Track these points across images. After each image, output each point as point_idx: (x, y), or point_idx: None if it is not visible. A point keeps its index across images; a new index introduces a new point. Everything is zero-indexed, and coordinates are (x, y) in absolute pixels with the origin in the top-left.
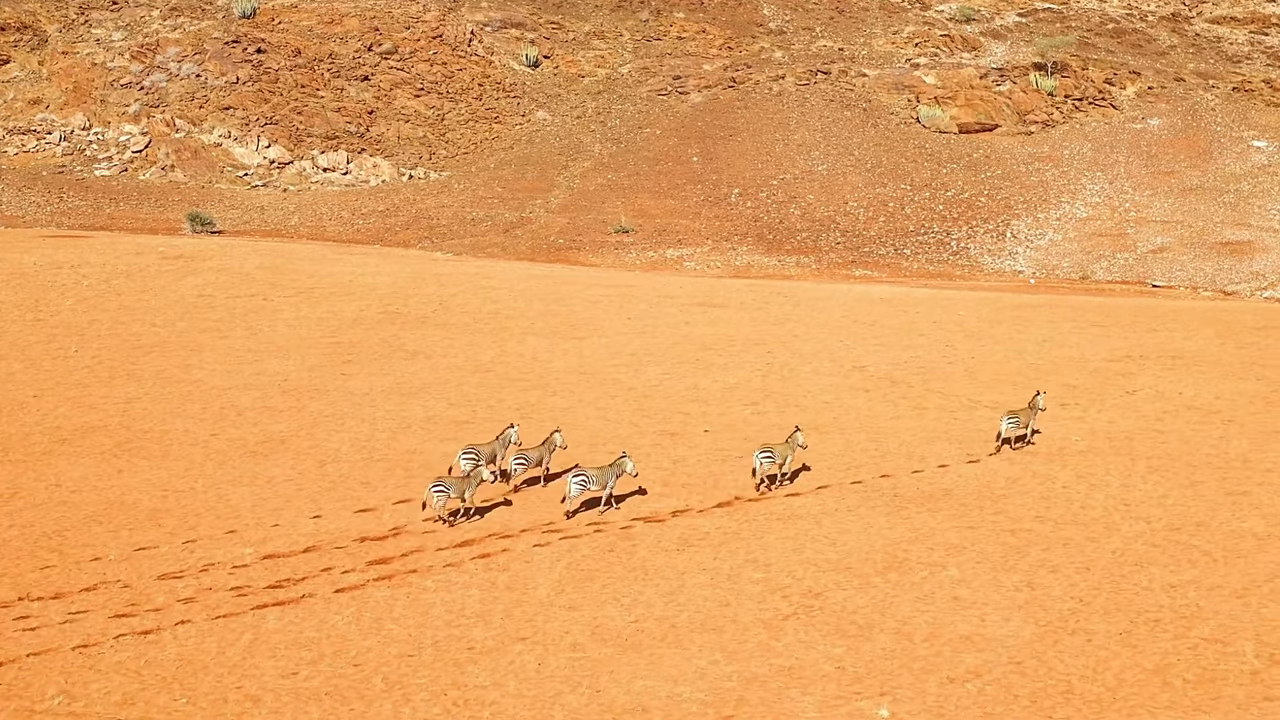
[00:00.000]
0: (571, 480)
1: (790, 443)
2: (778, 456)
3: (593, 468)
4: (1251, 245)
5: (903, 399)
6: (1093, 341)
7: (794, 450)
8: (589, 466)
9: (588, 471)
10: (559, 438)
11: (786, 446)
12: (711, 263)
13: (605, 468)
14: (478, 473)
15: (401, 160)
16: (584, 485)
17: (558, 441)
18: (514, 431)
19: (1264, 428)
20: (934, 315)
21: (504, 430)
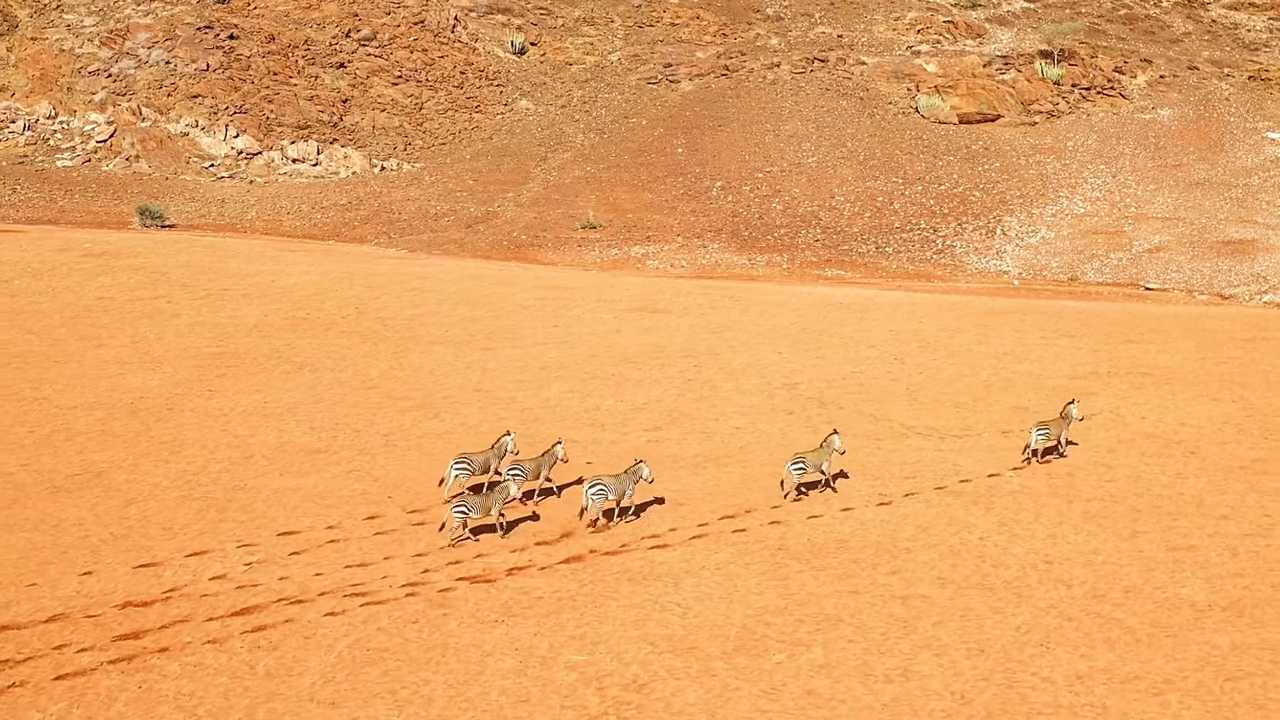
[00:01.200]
0: (589, 491)
1: (825, 448)
2: (810, 465)
3: (608, 476)
4: (1255, 244)
5: (827, 424)
6: (1058, 355)
7: (829, 456)
8: (606, 475)
9: (605, 480)
10: (560, 449)
11: (821, 453)
12: (676, 261)
13: (621, 475)
14: (504, 487)
15: (374, 151)
16: (603, 495)
17: (559, 453)
18: (510, 440)
19: (1228, 462)
20: (893, 322)
21: (499, 439)
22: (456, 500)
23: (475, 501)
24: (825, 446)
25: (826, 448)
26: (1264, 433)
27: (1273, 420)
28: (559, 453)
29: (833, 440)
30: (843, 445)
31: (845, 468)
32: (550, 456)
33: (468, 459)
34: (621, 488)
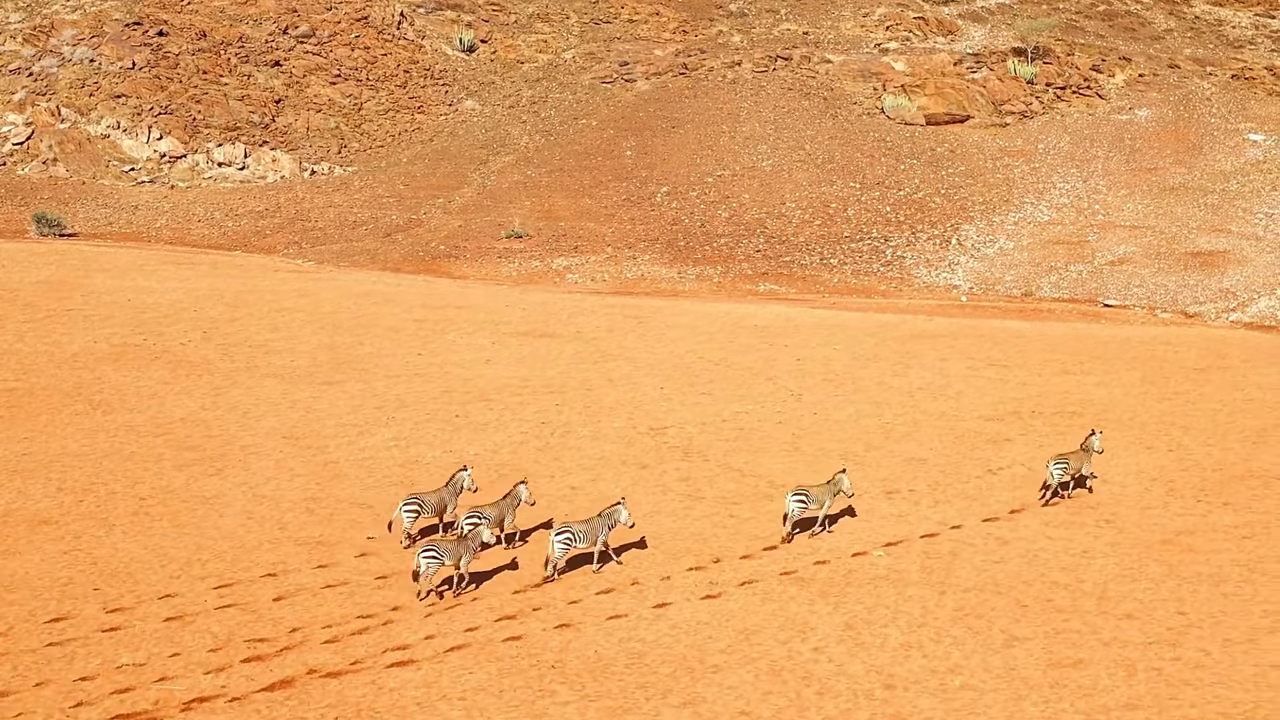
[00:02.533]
0: (555, 538)
1: (832, 484)
2: (813, 501)
3: (578, 521)
4: (1226, 256)
5: (684, 481)
6: (980, 390)
7: (834, 494)
8: (575, 520)
9: (573, 526)
10: (524, 490)
11: (826, 488)
12: (599, 275)
13: (594, 519)
14: (476, 534)
15: (306, 154)
16: (569, 543)
17: (522, 495)
18: (466, 475)
19: (1148, 535)
20: (805, 349)
21: (454, 474)
22: (428, 545)
23: (448, 549)
24: (831, 484)
25: (832, 485)
26: (1198, 494)
27: (1210, 477)
28: (523, 494)
29: (840, 480)
30: (852, 487)
31: (681, 543)
32: (513, 498)
33: (419, 499)
34: (593, 533)
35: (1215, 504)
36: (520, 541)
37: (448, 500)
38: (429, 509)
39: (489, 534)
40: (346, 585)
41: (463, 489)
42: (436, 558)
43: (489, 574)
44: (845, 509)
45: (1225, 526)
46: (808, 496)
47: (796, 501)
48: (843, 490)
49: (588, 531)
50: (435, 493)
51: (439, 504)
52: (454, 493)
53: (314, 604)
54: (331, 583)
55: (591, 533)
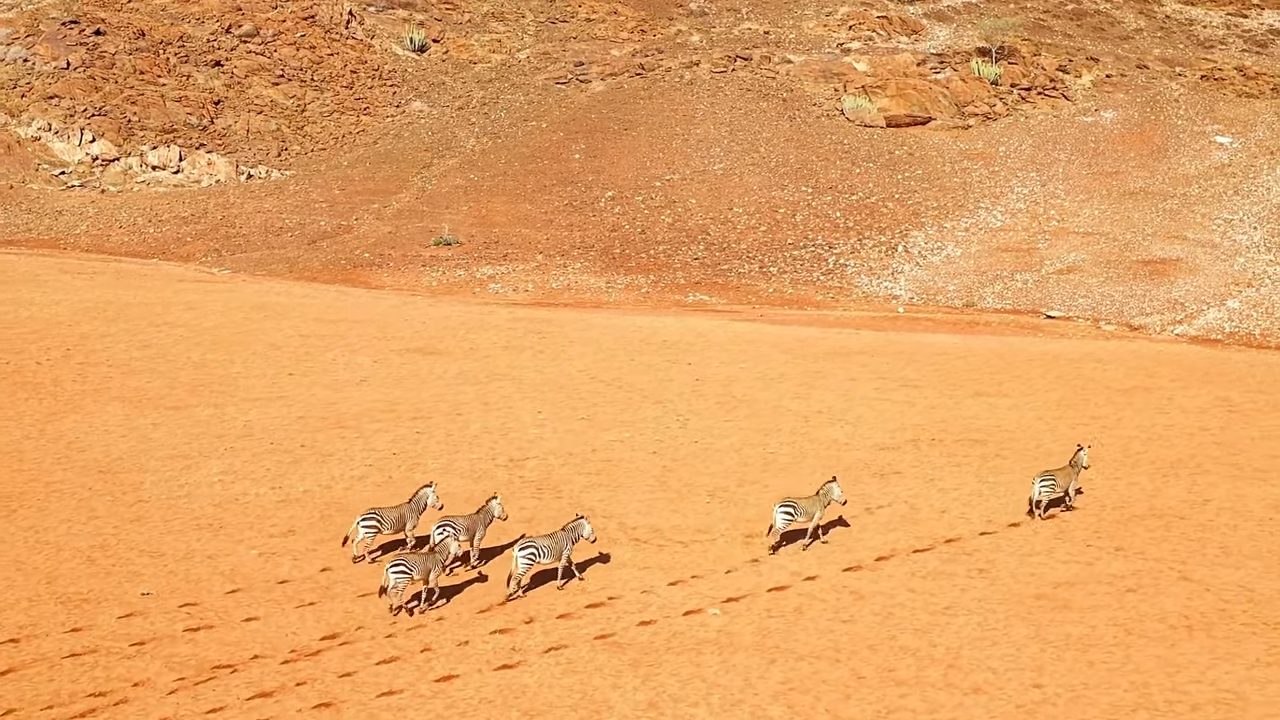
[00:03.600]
0: (518, 554)
1: (821, 495)
2: (801, 512)
3: (542, 536)
4: (1178, 265)
5: (525, 523)
6: (883, 414)
7: (825, 505)
8: (539, 535)
9: (537, 541)
10: (496, 505)
11: (816, 500)
12: (523, 285)
13: (558, 534)
14: (444, 546)
15: (244, 157)
16: (533, 558)
17: (495, 510)
18: (430, 492)
19: (1024, 587)
20: (709, 367)
21: (418, 490)
22: (397, 559)
23: (416, 562)
24: (821, 494)
25: (822, 496)
26: (1090, 537)
27: (1107, 517)
28: (495, 509)
29: (831, 489)
30: (843, 494)
31: (494, 599)
32: (485, 514)
33: (378, 515)
34: (558, 548)
35: (1106, 549)
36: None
37: (409, 517)
38: (388, 525)
39: (456, 546)
40: (93, 654)
41: (426, 505)
42: (405, 572)
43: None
44: (690, 560)
45: (1111, 577)
46: (795, 508)
47: (783, 513)
48: (834, 499)
49: (552, 546)
50: (396, 508)
51: (399, 520)
52: (416, 509)
53: (43, 679)
54: (77, 650)
55: (556, 548)
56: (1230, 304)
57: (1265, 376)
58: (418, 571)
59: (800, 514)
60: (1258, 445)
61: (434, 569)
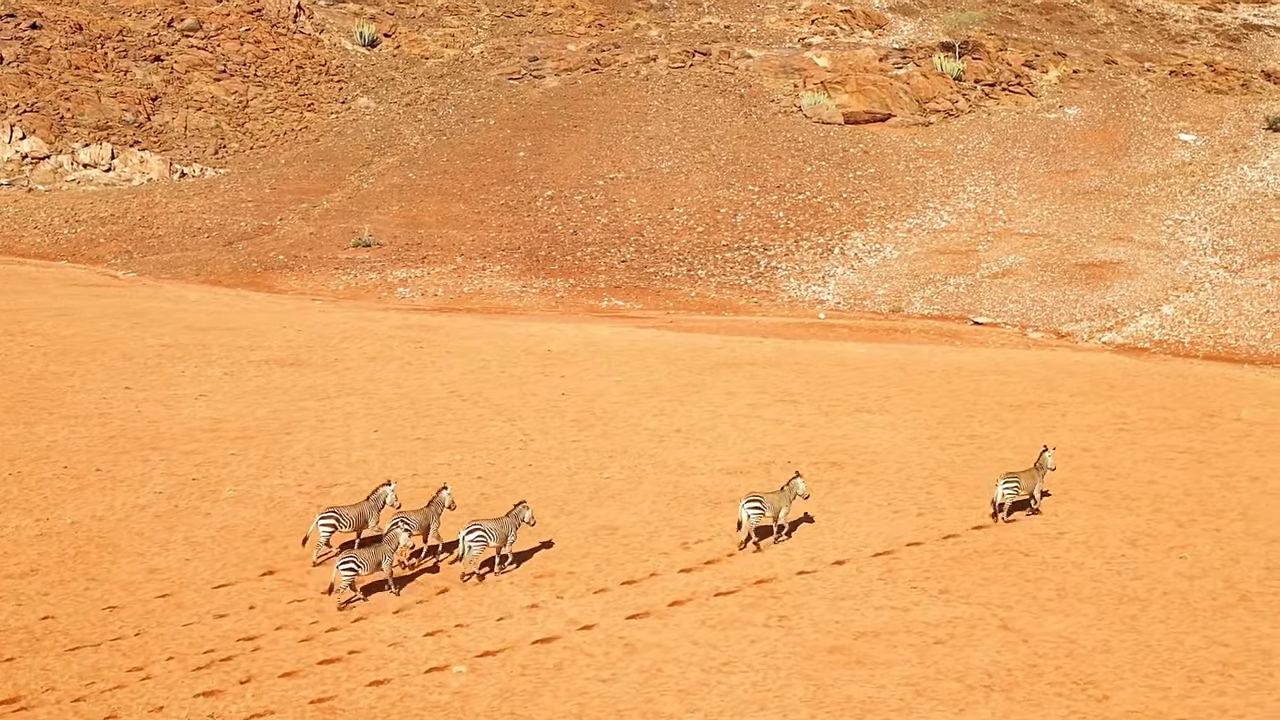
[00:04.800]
0: (467, 538)
1: (787, 490)
2: (769, 507)
3: (489, 520)
4: (1118, 268)
5: (299, 560)
6: (747, 432)
7: (790, 500)
8: (486, 518)
9: (484, 525)
10: (446, 495)
11: (782, 495)
12: (434, 289)
13: (504, 519)
14: (393, 536)
15: (179, 155)
16: (483, 542)
17: (445, 500)
18: (389, 490)
19: (823, 637)
20: (582, 380)
21: (376, 488)
22: (344, 555)
23: (365, 556)
24: (787, 489)
25: (788, 490)
26: (918, 577)
27: (944, 554)
28: (445, 499)
29: (796, 484)
30: (807, 489)
31: (206, 652)
32: (437, 505)
33: (336, 513)
34: (504, 532)
35: (930, 592)
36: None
37: (368, 515)
38: (347, 523)
39: (406, 536)
40: None
41: (385, 504)
42: (354, 569)
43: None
44: (460, 605)
45: (923, 626)
46: (762, 503)
47: (751, 508)
48: (798, 494)
49: (498, 530)
50: (355, 507)
51: (358, 519)
52: (375, 507)
53: None
54: None
55: (502, 532)
56: (1165, 310)
57: (1174, 390)
58: (366, 567)
59: (768, 509)
60: (1137, 469)
61: (385, 559)
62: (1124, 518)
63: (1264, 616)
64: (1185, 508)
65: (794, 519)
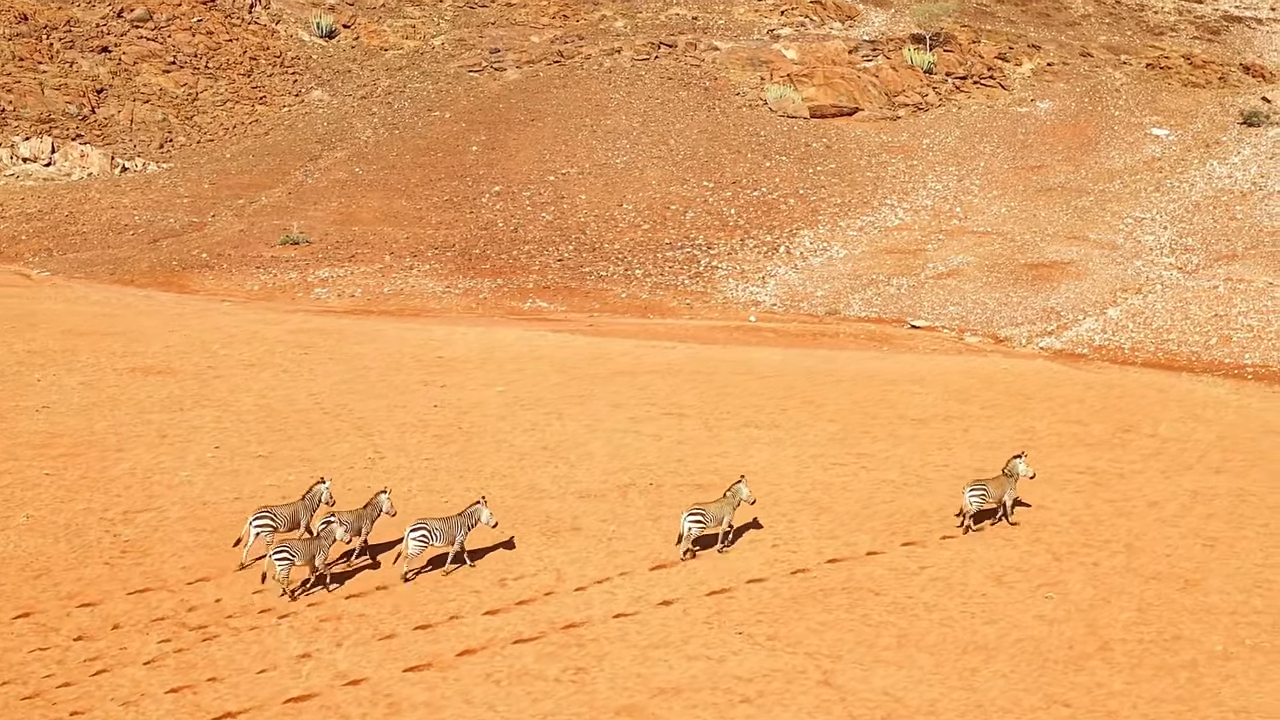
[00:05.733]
0: (410, 536)
1: (730, 497)
2: (710, 518)
3: (436, 519)
4: (1068, 268)
5: (70, 597)
6: (619, 448)
7: (734, 507)
8: (432, 517)
9: (430, 523)
10: (385, 500)
11: (724, 503)
12: (351, 290)
13: (454, 518)
14: (329, 531)
15: (122, 149)
16: (426, 541)
17: (384, 505)
18: (324, 488)
19: (611, 697)
20: (464, 389)
21: (312, 486)
22: (279, 544)
23: (300, 548)
24: (729, 496)
25: (730, 497)
26: (749, 619)
27: (785, 593)
28: (384, 504)
29: (739, 489)
30: (752, 494)
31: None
32: (373, 508)
33: (271, 513)
34: (451, 532)
35: (757, 638)
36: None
37: (302, 515)
38: (281, 523)
39: (342, 531)
40: None
41: (320, 503)
42: (289, 558)
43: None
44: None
45: (734, 681)
46: (704, 514)
47: (693, 520)
48: (743, 499)
49: (445, 530)
50: (288, 506)
51: (292, 518)
52: (309, 507)
53: None
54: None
55: (449, 531)
56: (1110, 312)
57: (1094, 402)
58: (301, 557)
59: (710, 519)
60: (1027, 492)
61: (319, 553)
62: (997, 550)
63: (1120, 670)
64: (1068, 538)
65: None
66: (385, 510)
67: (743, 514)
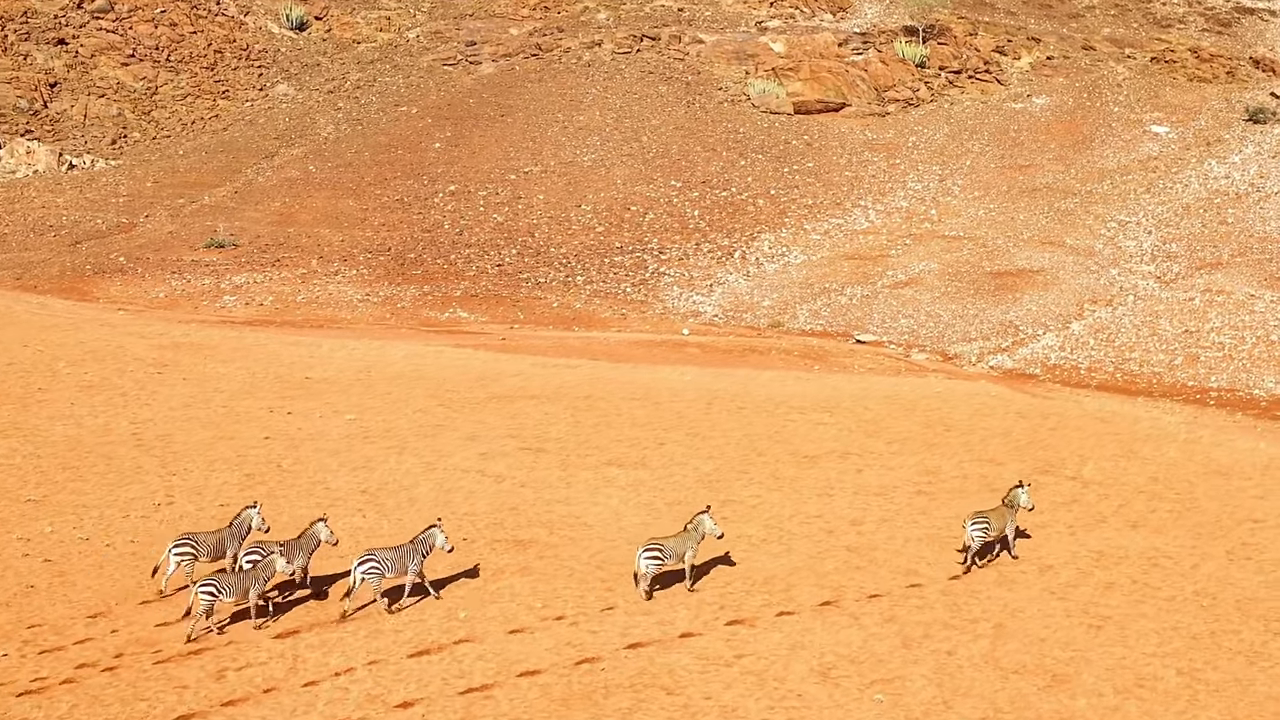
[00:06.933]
0: (358, 568)
1: (691, 530)
2: (668, 553)
3: (385, 549)
4: (1036, 276)
5: None
6: (450, 493)
7: (697, 541)
8: (381, 548)
9: (379, 554)
10: (324, 529)
11: (685, 537)
12: (262, 298)
13: (405, 546)
14: (269, 562)
15: (72, 145)
16: (375, 572)
17: (322, 534)
18: (254, 513)
19: None
20: (314, 418)
21: (241, 512)
22: (207, 578)
23: (229, 581)
24: (690, 529)
25: (693, 531)
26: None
27: (556, 691)
28: (322, 533)
29: (702, 520)
30: (719, 528)
31: None
32: (310, 539)
33: (192, 540)
34: (403, 562)
35: None
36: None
37: (228, 542)
38: (205, 551)
39: (282, 562)
40: None
41: (250, 529)
42: (214, 594)
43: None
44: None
45: None
46: (663, 550)
47: (649, 557)
48: (707, 531)
49: (396, 560)
50: (214, 533)
51: (217, 546)
52: (238, 534)
53: None
54: None
55: (401, 561)
56: (1074, 327)
57: (1021, 436)
58: (230, 592)
59: (669, 555)
60: (900, 554)
61: (255, 586)
62: (839, 631)
63: None
64: (929, 614)
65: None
66: (325, 539)
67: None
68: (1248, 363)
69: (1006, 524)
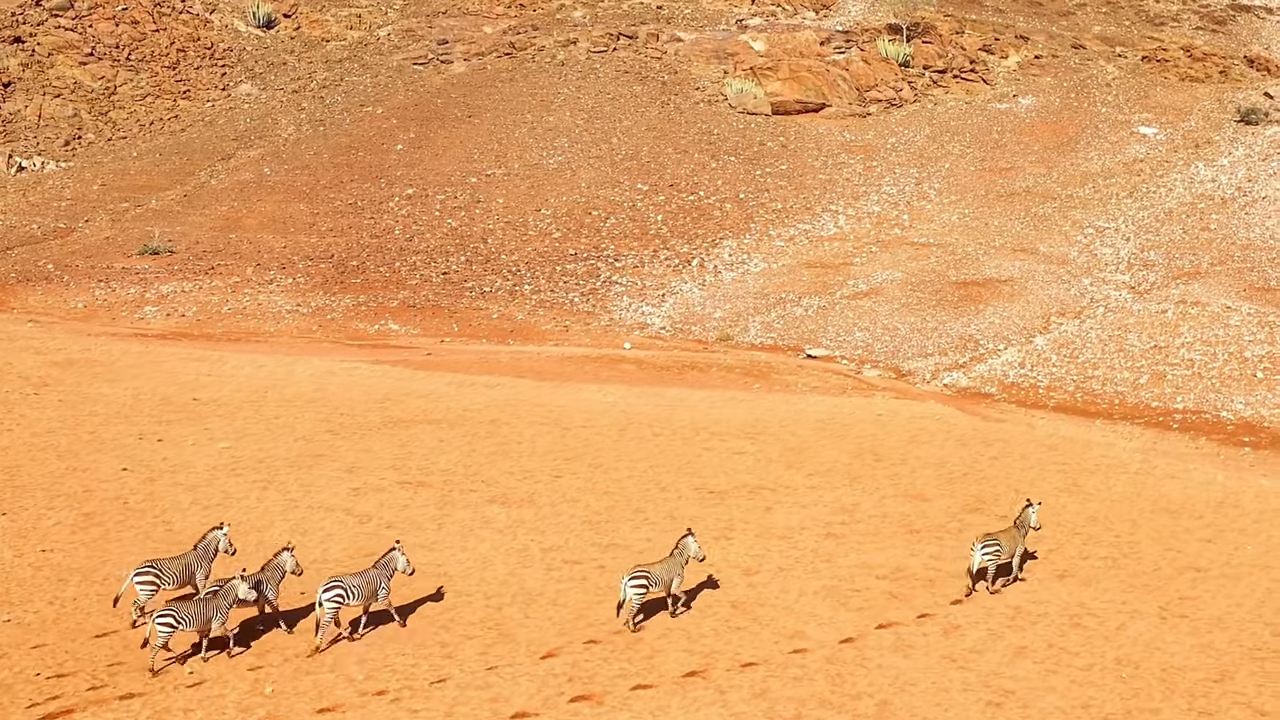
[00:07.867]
0: (323, 596)
1: (677, 555)
2: (655, 581)
3: (351, 575)
4: (1002, 287)
5: None
6: (307, 536)
7: (683, 566)
8: (347, 574)
9: (346, 581)
10: (289, 558)
11: (670, 563)
12: (187, 308)
13: (369, 571)
14: (230, 588)
15: (23, 147)
16: (340, 600)
17: (287, 564)
18: (222, 535)
19: None
20: (186, 444)
21: (206, 533)
22: (166, 606)
23: (188, 611)
24: (676, 555)
25: (678, 556)
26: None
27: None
28: (287, 563)
29: (687, 545)
30: (702, 550)
31: None
32: (275, 569)
33: (155, 566)
34: (370, 586)
35: None
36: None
37: (195, 567)
38: (169, 578)
39: (244, 588)
40: None
41: (217, 551)
42: (172, 624)
43: None
44: None
45: None
46: (648, 577)
47: (635, 587)
48: (691, 556)
49: (362, 586)
50: (178, 559)
51: (183, 572)
52: (204, 557)
53: None
54: None
55: (368, 586)
56: (1037, 341)
57: (956, 467)
58: (191, 622)
59: (654, 583)
60: (788, 612)
61: (217, 616)
62: (694, 713)
63: None
64: (804, 692)
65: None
66: (289, 570)
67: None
68: (1217, 382)
69: (1017, 547)
